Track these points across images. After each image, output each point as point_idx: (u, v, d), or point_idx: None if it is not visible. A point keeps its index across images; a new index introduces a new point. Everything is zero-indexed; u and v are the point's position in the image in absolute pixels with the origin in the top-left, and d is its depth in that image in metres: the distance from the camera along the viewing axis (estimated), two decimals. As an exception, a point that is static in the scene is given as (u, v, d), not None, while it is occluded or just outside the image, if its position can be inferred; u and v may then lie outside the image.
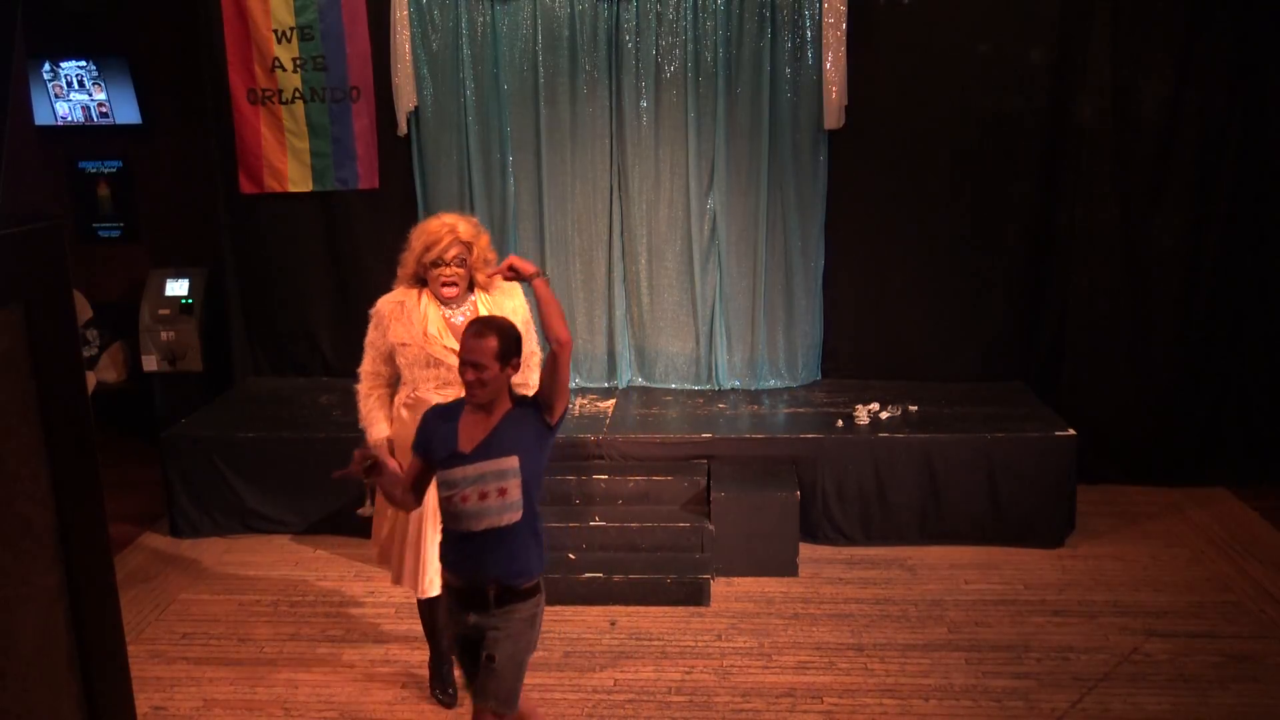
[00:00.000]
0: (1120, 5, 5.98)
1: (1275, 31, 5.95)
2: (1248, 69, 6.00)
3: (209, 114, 6.56)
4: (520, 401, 3.32)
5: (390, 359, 4.14)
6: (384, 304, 4.14)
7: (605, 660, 4.67)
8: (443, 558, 3.39)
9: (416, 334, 4.04)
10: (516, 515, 3.24)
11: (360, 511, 5.52)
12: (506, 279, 3.50)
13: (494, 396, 3.22)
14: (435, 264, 4.01)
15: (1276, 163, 6.10)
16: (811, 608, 5.11)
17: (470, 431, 3.25)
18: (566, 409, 3.35)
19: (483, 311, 4.03)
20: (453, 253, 4.01)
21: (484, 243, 4.12)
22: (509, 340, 3.21)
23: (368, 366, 4.21)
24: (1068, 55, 6.09)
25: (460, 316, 4.04)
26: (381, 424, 4.18)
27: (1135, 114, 6.10)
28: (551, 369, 3.22)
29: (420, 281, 4.11)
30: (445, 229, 4.02)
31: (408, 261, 4.10)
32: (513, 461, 3.21)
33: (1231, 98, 6.03)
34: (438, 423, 3.33)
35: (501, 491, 3.20)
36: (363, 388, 4.23)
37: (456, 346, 3.78)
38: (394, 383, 4.22)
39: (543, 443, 3.31)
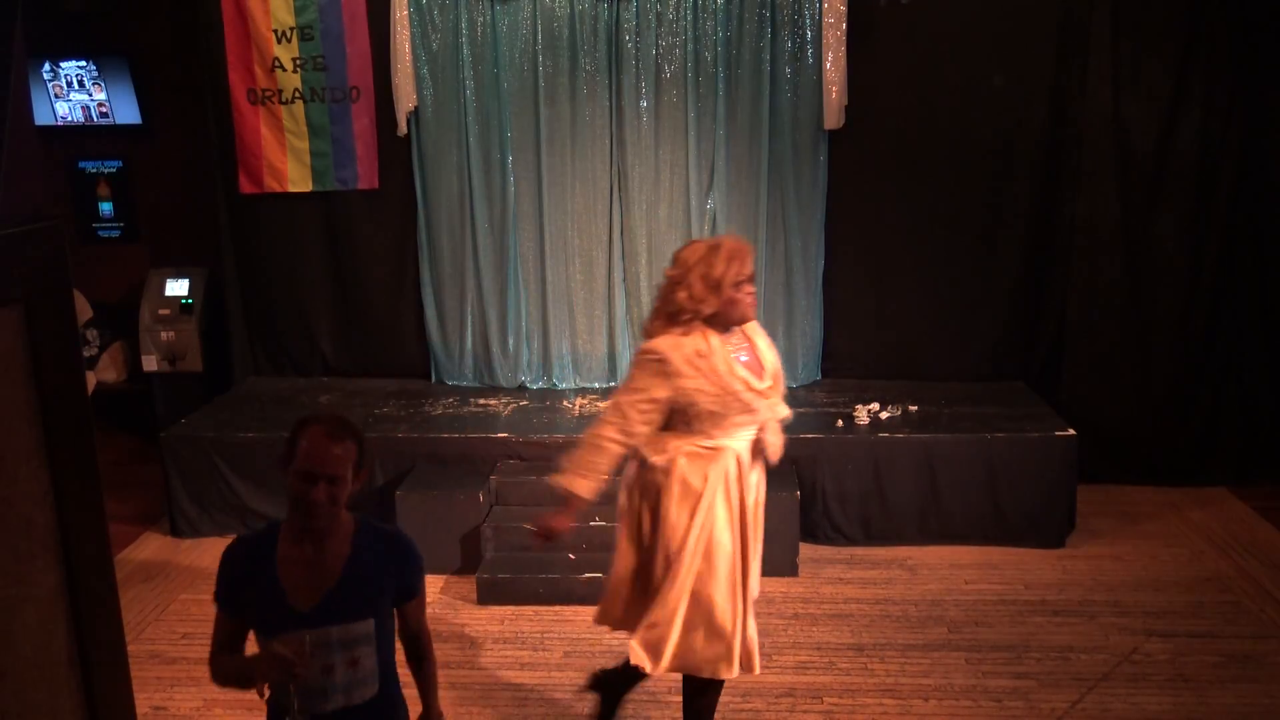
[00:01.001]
0: (1120, 4, 5.99)
1: (1275, 34, 5.95)
2: (1248, 69, 6.00)
3: (209, 114, 6.56)
4: (364, 528, 2.55)
5: (667, 412, 3.51)
6: (672, 352, 3.45)
7: (605, 660, 4.65)
8: None
9: (728, 382, 3.45)
10: (373, 689, 2.53)
11: None
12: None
13: (335, 518, 2.49)
14: (745, 281, 3.48)
15: (1276, 164, 6.10)
16: (811, 608, 5.11)
17: (302, 577, 2.45)
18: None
19: (759, 344, 3.62)
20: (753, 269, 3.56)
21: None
22: (363, 444, 2.53)
23: (631, 415, 3.49)
24: (1068, 55, 6.09)
25: (742, 354, 3.55)
26: (593, 484, 3.60)
27: (1135, 112, 6.10)
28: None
29: (703, 321, 3.48)
30: (745, 243, 3.54)
31: (700, 294, 3.43)
32: (366, 626, 2.48)
33: (1231, 98, 6.03)
34: (248, 565, 2.49)
35: (352, 663, 2.48)
36: (610, 432, 3.52)
37: (762, 387, 3.51)
38: (640, 440, 3.61)
39: (392, 597, 2.60)
